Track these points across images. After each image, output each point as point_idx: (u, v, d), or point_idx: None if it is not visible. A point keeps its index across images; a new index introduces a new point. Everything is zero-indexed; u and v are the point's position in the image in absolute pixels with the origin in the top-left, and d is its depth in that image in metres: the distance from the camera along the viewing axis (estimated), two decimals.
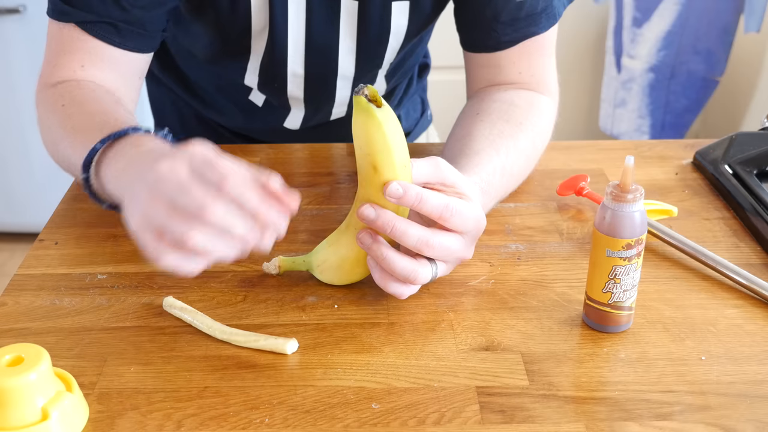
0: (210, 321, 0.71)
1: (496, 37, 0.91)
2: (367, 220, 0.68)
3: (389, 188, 0.67)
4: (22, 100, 2.20)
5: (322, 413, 0.63)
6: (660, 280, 0.79)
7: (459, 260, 0.74)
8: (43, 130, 0.89)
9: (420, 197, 0.68)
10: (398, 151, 0.68)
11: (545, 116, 0.93)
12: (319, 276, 0.77)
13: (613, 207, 0.67)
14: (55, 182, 2.07)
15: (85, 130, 0.80)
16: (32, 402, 0.58)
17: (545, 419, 0.62)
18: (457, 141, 0.86)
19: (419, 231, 0.69)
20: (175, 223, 0.58)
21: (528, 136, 0.88)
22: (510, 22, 0.90)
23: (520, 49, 0.92)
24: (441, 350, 0.69)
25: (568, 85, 2.82)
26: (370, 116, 0.67)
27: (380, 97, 0.67)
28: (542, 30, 0.91)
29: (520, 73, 0.93)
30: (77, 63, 0.88)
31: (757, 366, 0.68)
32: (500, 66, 0.94)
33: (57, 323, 0.73)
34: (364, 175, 0.70)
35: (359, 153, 0.69)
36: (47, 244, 0.85)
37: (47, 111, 0.88)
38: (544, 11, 0.90)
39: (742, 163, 0.96)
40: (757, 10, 2.17)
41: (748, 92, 2.40)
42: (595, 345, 0.70)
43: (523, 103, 0.91)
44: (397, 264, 0.69)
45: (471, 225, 0.71)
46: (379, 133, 0.67)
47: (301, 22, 0.92)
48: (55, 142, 0.86)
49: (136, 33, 0.87)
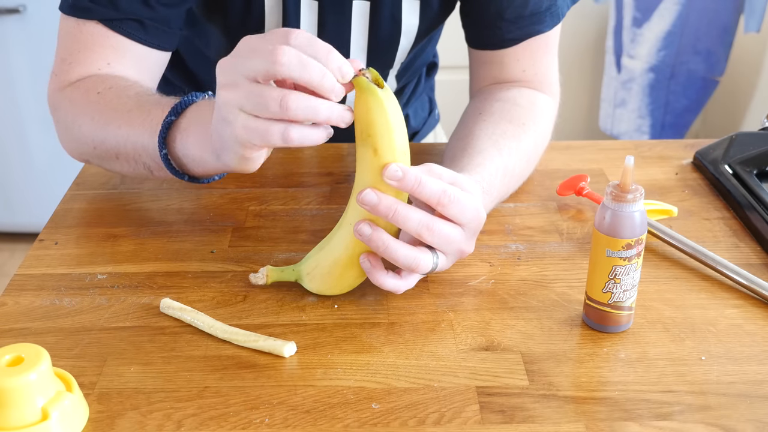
0: (211, 320, 0.71)
1: (500, 34, 0.91)
2: (369, 205, 0.67)
3: (389, 170, 0.66)
4: (22, 100, 2.20)
5: (322, 413, 0.63)
6: (660, 280, 0.79)
7: (459, 253, 0.73)
8: (73, 127, 0.87)
9: (419, 180, 0.67)
10: (399, 134, 0.67)
11: (547, 116, 0.93)
12: (308, 285, 0.75)
13: (613, 207, 0.67)
14: (55, 182, 2.07)
15: (141, 110, 0.80)
16: (32, 402, 0.58)
17: (545, 419, 0.62)
18: (460, 140, 0.86)
19: (421, 215, 0.68)
20: (269, 91, 0.64)
21: (530, 136, 0.88)
22: (514, 19, 0.90)
23: (524, 47, 0.92)
24: (441, 350, 0.69)
25: (568, 85, 2.81)
26: (373, 95, 0.66)
27: (382, 80, 0.67)
28: (546, 28, 0.91)
29: (523, 71, 0.93)
30: (103, 60, 0.87)
31: (757, 366, 0.68)
32: (504, 63, 0.94)
33: (57, 323, 0.73)
34: (363, 160, 0.69)
35: (360, 137, 0.68)
36: (47, 244, 0.85)
37: (76, 105, 0.86)
38: (549, 10, 0.90)
39: (742, 163, 0.96)
40: (757, 10, 2.17)
41: (748, 92, 2.40)
42: (595, 345, 0.70)
43: (526, 102, 0.91)
44: (399, 252, 0.69)
45: (470, 215, 0.70)
46: (380, 112, 0.66)
47: (313, 22, 0.93)
48: (94, 133, 0.84)
49: (161, 30, 0.88)
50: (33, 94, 2.19)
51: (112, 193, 0.94)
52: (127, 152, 0.83)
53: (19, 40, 2.13)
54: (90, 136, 0.85)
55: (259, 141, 0.66)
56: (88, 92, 0.85)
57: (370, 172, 0.68)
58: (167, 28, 0.88)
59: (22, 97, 2.20)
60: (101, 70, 0.87)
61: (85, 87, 0.86)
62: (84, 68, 0.87)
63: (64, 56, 0.88)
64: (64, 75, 0.88)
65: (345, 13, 0.93)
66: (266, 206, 0.91)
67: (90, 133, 0.85)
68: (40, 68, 2.15)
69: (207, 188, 0.95)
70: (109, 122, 0.83)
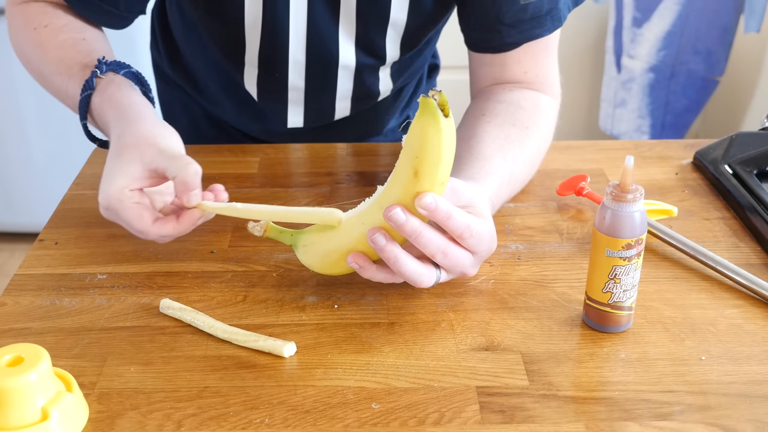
0: (211, 320, 0.71)
1: (500, 38, 0.91)
2: (396, 222, 0.67)
3: (424, 200, 0.66)
4: (22, 100, 2.20)
5: (322, 413, 0.63)
6: (660, 280, 0.79)
7: (462, 275, 0.74)
8: (23, 57, 0.96)
9: (449, 215, 0.68)
10: (445, 166, 0.67)
11: (549, 119, 0.93)
12: (300, 257, 0.75)
13: (613, 207, 0.67)
14: (54, 182, 2.07)
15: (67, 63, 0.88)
16: (32, 402, 0.58)
17: (545, 419, 0.62)
18: (464, 142, 0.86)
19: (440, 240, 0.69)
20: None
21: (534, 141, 0.89)
22: (514, 23, 0.89)
23: (525, 50, 0.92)
24: (441, 350, 0.69)
25: (568, 85, 2.81)
26: (435, 120, 0.65)
27: (448, 107, 0.66)
28: (547, 32, 0.91)
29: (525, 73, 0.93)
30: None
31: (757, 366, 0.68)
32: (505, 64, 0.93)
33: (57, 323, 0.73)
34: (401, 175, 0.68)
35: (407, 153, 0.67)
36: (47, 244, 0.85)
37: (22, 39, 0.94)
38: (549, 13, 0.90)
39: (742, 163, 0.96)
40: (757, 10, 2.17)
41: (748, 92, 2.40)
42: (595, 345, 0.70)
43: (529, 105, 0.91)
44: (407, 266, 0.69)
45: (485, 246, 0.72)
46: (435, 140, 0.65)
47: (303, 7, 0.93)
48: (41, 76, 0.93)
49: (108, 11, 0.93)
50: (33, 94, 2.19)
51: None
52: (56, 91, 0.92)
53: None
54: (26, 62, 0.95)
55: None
56: (26, 24, 0.93)
57: (403, 190, 0.68)
58: (115, 10, 0.94)
59: (22, 97, 2.20)
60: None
61: (25, 16, 0.94)
62: None
63: None
64: None
65: (333, 5, 0.93)
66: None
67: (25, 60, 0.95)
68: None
69: None
70: (41, 65, 0.91)
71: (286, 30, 0.94)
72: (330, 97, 1.04)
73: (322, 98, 1.04)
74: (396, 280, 0.72)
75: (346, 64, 0.99)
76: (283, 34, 0.95)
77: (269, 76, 1.01)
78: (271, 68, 1.00)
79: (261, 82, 1.02)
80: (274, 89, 1.03)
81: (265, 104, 1.06)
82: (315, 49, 0.97)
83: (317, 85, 1.02)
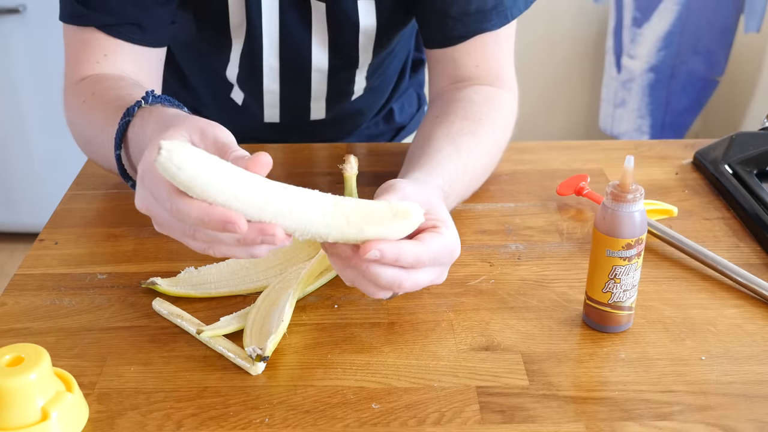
0: (194, 327, 0.71)
1: (446, 32, 0.92)
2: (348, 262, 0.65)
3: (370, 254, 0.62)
4: (23, 100, 2.20)
5: (322, 413, 0.63)
6: (660, 280, 0.79)
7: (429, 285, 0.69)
8: (75, 134, 0.90)
9: (397, 257, 0.63)
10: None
11: (505, 110, 0.92)
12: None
13: (613, 207, 0.67)
14: (55, 182, 2.07)
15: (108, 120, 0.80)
16: (32, 402, 0.58)
17: (545, 419, 0.62)
18: (417, 142, 0.87)
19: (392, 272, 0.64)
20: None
21: (489, 132, 0.88)
22: (459, 17, 0.91)
23: (474, 44, 0.93)
24: (441, 350, 0.69)
25: (568, 85, 2.82)
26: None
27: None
28: (494, 27, 0.92)
29: (476, 66, 0.94)
30: (100, 53, 0.89)
31: (757, 366, 0.68)
32: (456, 59, 0.94)
33: (57, 323, 0.73)
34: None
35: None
36: (47, 244, 0.85)
37: (74, 113, 0.89)
38: (495, 9, 0.91)
39: (742, 163, 0.96)
40: (757, 10, 2.17)
41: (748, 92, 2.40)
42: (595, 345, 0.70)
43: (481, 99, 0.91)
44: (381, 277, 0.65)
45: (445, 259, 0.68)
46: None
47: (274, 16, 0.95)
48: (88, 143, 0.88)
49: (156, 27, 0.90)
50: (33, 94, 2.19)
51: (112, 193, 0.94)
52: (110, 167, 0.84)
53: (19, 40, 2.13)
54: (85, 147, 0.90)
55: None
56: (76, 102, 0.88)
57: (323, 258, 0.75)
58: (161, 25, 0.90)
59: (23, 97, 2.20)
60: (99, 63, 0.89)
61: (76, 95, 0.88)
62: (84, 67, 0.89)
63: (69, 59, 0.91)
64: (70, 76, 0.91)
65: (304, 11, 0.95)
66: None
67: (84, 145, 0.90)
68: (40, 68, 2.15)
69: None
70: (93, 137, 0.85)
71: (260, 38, 0.96)
72: (305, 98, 1.06)
73: (297, 101, 1.06)
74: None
75: (319, 68, 1.01)
76: (257, 42, 0.97)
77: (246, 79, 1.03)
78: (248, 72, 1.02)
79: (239, 83, 1.04)
80: (250, 90, 1.05)
81: (243, 107, 1.08)
82: (288, 55, 0.99)
83: (292, 88, 1.04)
